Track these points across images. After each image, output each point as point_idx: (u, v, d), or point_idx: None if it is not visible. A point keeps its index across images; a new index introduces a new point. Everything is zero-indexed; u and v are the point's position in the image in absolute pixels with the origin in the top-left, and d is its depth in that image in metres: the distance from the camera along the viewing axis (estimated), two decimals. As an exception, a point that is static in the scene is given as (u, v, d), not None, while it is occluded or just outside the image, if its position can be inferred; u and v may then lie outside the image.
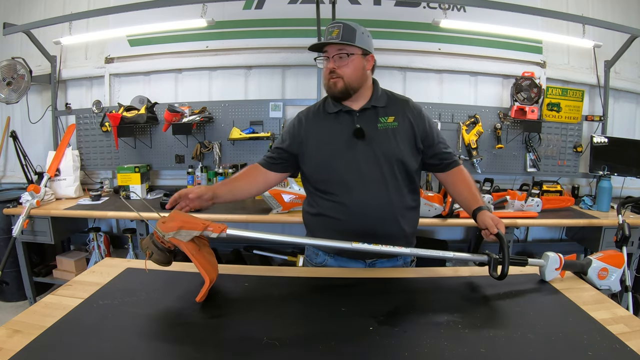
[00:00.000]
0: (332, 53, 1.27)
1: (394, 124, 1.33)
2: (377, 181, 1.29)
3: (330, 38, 1.24)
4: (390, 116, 1.33)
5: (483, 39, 2.92)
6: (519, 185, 2.81)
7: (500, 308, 1.06)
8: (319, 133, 1.35)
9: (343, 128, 1.32)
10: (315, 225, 1.40)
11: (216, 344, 0.87)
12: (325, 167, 1.32)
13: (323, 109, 1.38)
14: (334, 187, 1.31)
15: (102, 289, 1.12)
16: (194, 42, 2.99)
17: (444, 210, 2.28)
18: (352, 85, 1.29)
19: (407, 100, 1.40)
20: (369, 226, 1.29)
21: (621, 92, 3.10)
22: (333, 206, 1.32)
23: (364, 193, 1.28)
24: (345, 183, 1.29)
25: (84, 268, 2.75)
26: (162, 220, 1.04)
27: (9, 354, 0.79)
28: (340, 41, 1.23)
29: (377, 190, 1.29)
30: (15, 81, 2.77)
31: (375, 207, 1.29)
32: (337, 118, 1.34)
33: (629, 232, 1.95)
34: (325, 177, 1.33)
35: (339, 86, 1.28)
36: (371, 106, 1.34)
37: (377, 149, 1.29)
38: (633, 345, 0.86)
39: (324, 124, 1.36)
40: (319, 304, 1.07)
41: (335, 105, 1.35)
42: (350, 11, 2.90)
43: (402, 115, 1.34)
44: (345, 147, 1.30)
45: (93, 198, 2.68)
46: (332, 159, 1.31)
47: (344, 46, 1.25)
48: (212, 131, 2.98)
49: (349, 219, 1.29)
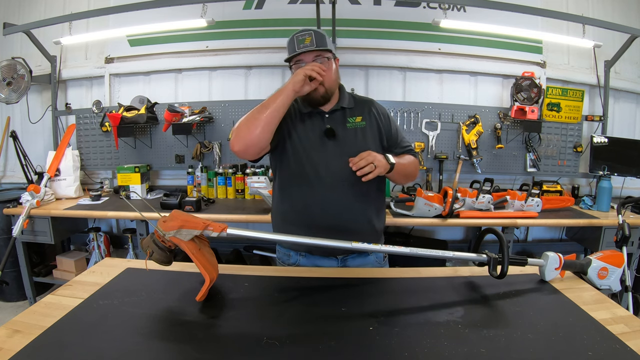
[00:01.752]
0: (309, 60, 1.29)
1: (362, 123, 1.38)
2: (347, 179, 1.30)
3: (304, 46, 1.27)
4: (357, 116, 1.39)
5: (483, 39, 2.92)
6: (519, 185, 2.81)
7: (500, 308, 1.06)
8: (292, 129, 1.37)
9: (314, 128, 1.36)
10: (285, 220, 1.41)
11: (216, 344, 0.86)
12: (298, 163, 1.34)
13: (297, 108, 1.41)
14: (305, 182, 1.33)
15: (102, 289, 1.11)
16: (194, 42, 3.00)
17: (444, 210, 2.28)
18: (332, 89, 1.35)
19: (372, 101, 1.46)
20: (340, 222, 1.32)
21: (621, 92, 3.10)
22: (301, 204, 1.34)
23: (333, 190, 1.32)
24: (314, 181, 1.32)
25: (84, 268, 2.75)
26: (163, 220, 1.04)
27: (9, 354, 0.79)
28: (316, 48, 1.27)
29: (347, 187, 1.32)
30: (15, 81, 2.77)
31: (345, 204, 1.32)
32: (310, 118, 1.39)
33: (629, 232, 1.95)
34: (297, 172, 1.35)
35: (320, 92, 1.31)
36: (340, 107, 1.38)
37: (346, 148, 1.33)
38: (633, 345, 0.86)
39: (296, 121, 1.39)
40: (319, 304, 1.07)
41: (306, 107, 1.39)
42: (350, 11, 2.91)
43: (369, 114, 1.40)
44: (317, 146, 1.34)
45: (93, 198, 2.68)
46: (304, 155, 1.34)
47: (321, 52, 1.28)
48: (212, 131, 2.98)
49: (319, 216, 1.32)
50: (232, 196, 2.87)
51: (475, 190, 2.40)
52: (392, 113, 2.87)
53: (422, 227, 2.95)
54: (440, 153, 2.88)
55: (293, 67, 1.35)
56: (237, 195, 2.86)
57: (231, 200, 2.81)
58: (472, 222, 2.39)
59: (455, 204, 2.29)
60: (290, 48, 1.31)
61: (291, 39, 1.31)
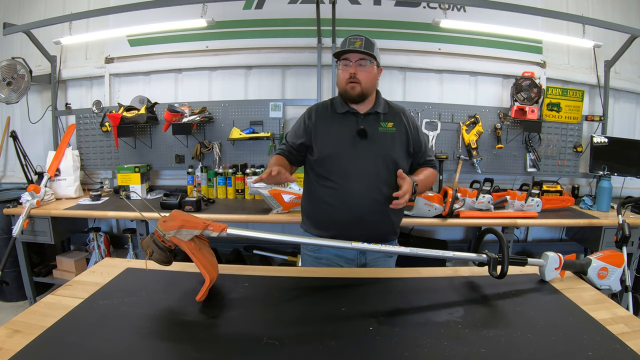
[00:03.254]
0: (355, 59, 1.41)
1: (393, 129, 1.50)
2: (373, 175, 1.44)
3: (353, 47, 1.40)
4: (389, 122, 1.50)
5: (483, 39, 2.92)
6: (519, 185, 2.81)
7: (500, 308, 1.06)
8: (327, 128, 1.49)
9: (349, 127, 1.47)
10: (311, 211, 1.55)
11: (216, 344, 0.86)
12: (330, 158, 1.46)
13: (332, 108, 1.53)
14: (335, 176, 1.45)
15: (102, 289, 1.12)
16: (194, 42, 2.99)
17: (444, 210, 2.28)
18: (367, 91, 1.45)
19: (404, 110, 1.58)
20: (361, 213, 1.42)
21: (621, 92, 3.10)
22: (331, 193, 1.45)
23: (360, 183, 1.43)
24: (345, 173, 1.43)
25: (84, 268, 2.75)
26: (163, 220, 1.04)
27: (9, 354, 0.79)
28: (364, 50, 1.39)
29: (372, 182, 1.43)
30: (15, 81, 2.77)
31: (368, 196, 1.43)
32: (344, 118, 1.49)
33: (629, 232, 1.95)
34: (329, 167, 1.46)
35: (356, 90, 1.43)
36: (374, 111, 1.50)
37: (376, 148, 1.46)
38: (633, 345, 0.86)
39: (331, 121, 1.50)
40: (319, 304, 1.07)
41: (344, 106, 1.49)
42: (350, 11, 2.91)
43: (399, 122, 1.52)
44: (350, 143, 1.45)
45: (93, 198, 2.68)
46: (338, 151, 1.45)
47: (366, 55, 1.40)
48: (212, 131, 2.98)
49: (343, 204, 1.43)
50: (232, 196, 2.87)
51: (475, 190, 2.41)
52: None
53: (422, 227, 2.94)
54: (440, 153, 2.88)
55: (340, 62, 1.45)
56: (237, 195, 2.86)
57: (231, 200, 2.81)
58: (472, 222, 2.39)
59: (455, 204, 2.29)
60: (342, 46, 1.43)
61: (345, 39, 1.43)
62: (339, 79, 1.47)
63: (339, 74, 1.47)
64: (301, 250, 1.64)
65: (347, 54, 1.42)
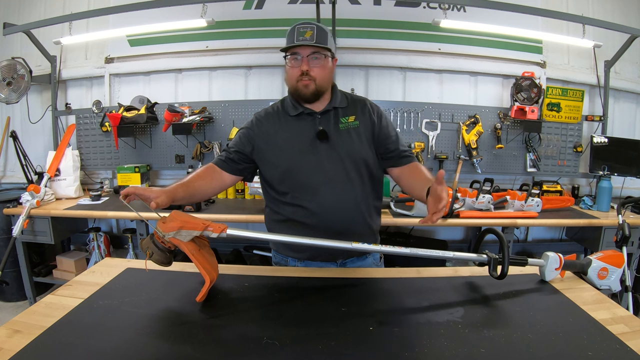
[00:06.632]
0: (306, 54, 1.23)
1: (355, 123, 1.32)
2: (343, 182, 1.28)
3: (303, 39, 1.21)
4: (350, 116, 1.33)
5: (483, 39, 2.92)
6: (519, 185, 2.81)
7: (500, 308, 1.06)
8: (278, 137, 1.31)
9: (305, 130, 1.30)
10: (280, 232, 1.33)
11: (216, 344, 0.86)
12: (290, 171, 1.29)
13: (283, 111, 1.35)
14: (299, 192, 1.29)
15: (102, 289, 1.11)
16: (194, 42, 3.00)
17: (444, 210, 2.28)
18: (323, 88, 1.28)
19: (365, 100, 1.40)
20: (338, 226, 1.28)
21: (621, 92, 3.10)
22: (299, 210, 1.29)
23: (330, 195, 1.27)
24: (311, 187, 1.27)
25: (84, 268, 2.75)
26: (163, 221, 1.04)
27: (9, 354, 0.79)
28: (315, 43, 1.20)
29: (343, 190, 1.28)
30: (15, 81, 2.77)
31: (342, 207, 1.28)
32: (299, 121, 1.32)
33: (629, 232, 1.95)
34: (290, 183, 1.29)
35: (310, 88, 1.25)
36: (332, 107, 1.33)
37: (340, 150, 1.29)
38: (633, 345, 0.86)
39: (284, 126, 1.33)
40: (318, 304, 1.07)
41: (296, 107, 1.32)
42: (350, 11, 2.90)
43: (362, 114, 1.34)
44: (309, 150, 1.28)
45: (93, 198, 2.68)
46: (296, 163, 1.28)
47: (319, 48, 1.22)
48: (212, 131, 2.98)
49: (317, 221, 1.28)
50: (232, 196, 2.87)
51: (475, 190, 2.40)
52: (392, 113, 2.88)
53: (422, 227, 2.94)
54: (440, 153, 2.88)
55: (288, 57, 1.26)
56: (237, 195, 2.86)
57: (231, 201, 2.81)
58: (472, 222, 2.39)
59: (455, 204, 2.29)
60: (289, 38, 1.24)
61: (292, 29, 1.23)
62: (288, 75, 1.28)
63: (287, 71, 1.28)
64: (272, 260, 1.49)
65: (296, 48, 1.22)
